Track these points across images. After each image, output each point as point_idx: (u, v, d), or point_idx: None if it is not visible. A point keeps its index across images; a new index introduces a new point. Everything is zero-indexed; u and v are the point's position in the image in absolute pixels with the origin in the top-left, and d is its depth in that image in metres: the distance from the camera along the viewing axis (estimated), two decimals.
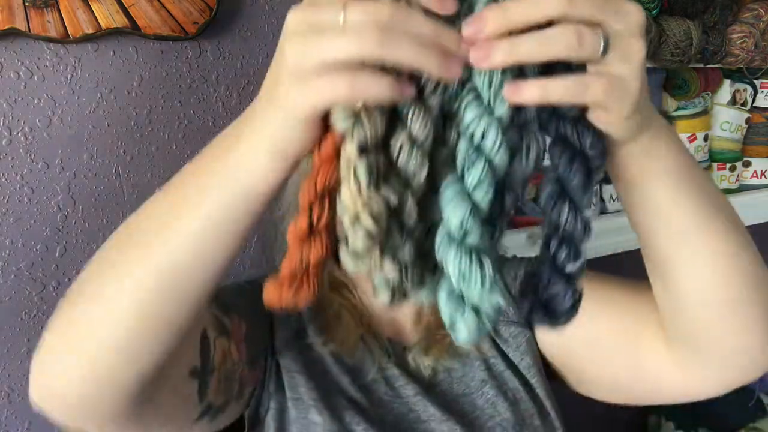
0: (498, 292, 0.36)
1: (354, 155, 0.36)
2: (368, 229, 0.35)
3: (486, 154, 0.37)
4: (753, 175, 1.58)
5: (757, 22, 1.36)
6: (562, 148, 0.38)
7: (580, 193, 0.38)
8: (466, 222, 0.36)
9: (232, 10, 0.87)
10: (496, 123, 0.36)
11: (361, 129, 0.36)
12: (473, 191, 0.36)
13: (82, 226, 0.85)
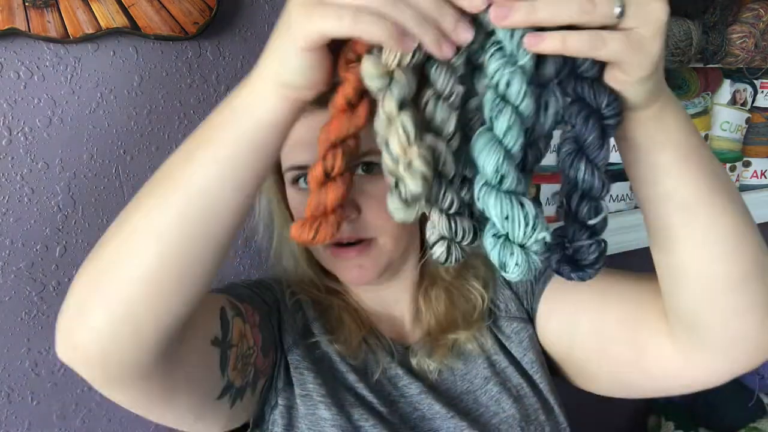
0: (542, 227, 0.38)
1: (395, 111, 0.38)
2: (422, 171, 0.38)
3: (512, 102, 0.38)
4: (753, 175, 1.58)
5: (757, 22, 1.36)
6: (579, 107, 0.40)
7: (596, 149, 0.40)
8: (500, 167, 0.38)
9: (232, 10, 0.87)
10: (520, 71, 0.38)
11: (398, 86, 0.38)
12: (503, 137, 0.38)
13: (82, 226, 0.85)
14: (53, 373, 0.87)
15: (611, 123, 0.40)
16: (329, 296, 0.72)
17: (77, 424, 0.90)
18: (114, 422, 0.93)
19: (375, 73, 0.37)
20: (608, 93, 0.40)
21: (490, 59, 0.39)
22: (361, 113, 0.40)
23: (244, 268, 0.97)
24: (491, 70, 0.39)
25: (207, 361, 0.54)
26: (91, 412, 0.91)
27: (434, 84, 0.40)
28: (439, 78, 0.40)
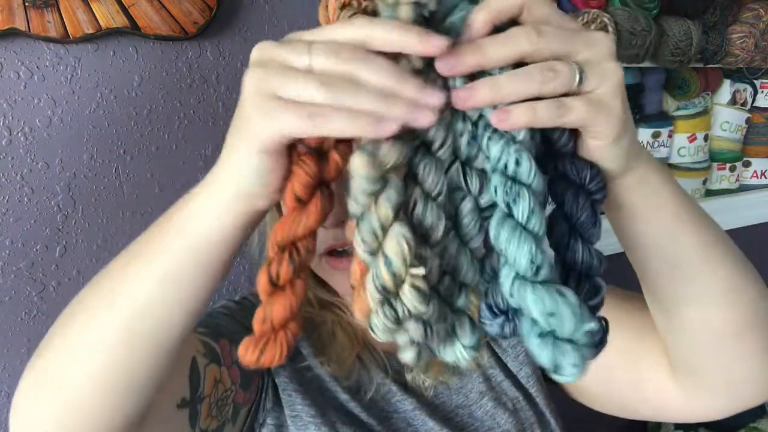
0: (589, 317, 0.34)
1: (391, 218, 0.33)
2: (422, 288, 0.33)
3: (525, 182, 0.36)
4: (753, 175, 1.58)
5: (757, 22, 1.36)
6: (564, 185, 0.38)
7: (590, 228, 0.38)
8: (535, 256, 0.34)
9: (232, 10, 0.87)
10: (525, 148, 0.36)
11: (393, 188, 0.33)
12: (527, 222, 0.35)
13: (82, 226, 0.85)
14: None
15: (598, 198, 0.39)
16: (322, 311, 0.71)
17: None
18: None
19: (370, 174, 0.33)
20: (590, 166, 0.38)
21: (490, 142, 0.36)
22: (313, 211, 0.35)
23: (244, 268, 0.97)
24: (495, 152, 0.36)
25: (173, 425, 0.52)
26: None
27: (422, 183, 0.36)
28: (429, 175, 0.36)
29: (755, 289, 0.49)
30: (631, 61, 1.22)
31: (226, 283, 0.97)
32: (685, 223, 0.45)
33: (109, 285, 0.42)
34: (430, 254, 0.36)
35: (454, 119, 0.37)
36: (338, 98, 0.32)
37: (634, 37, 1.18)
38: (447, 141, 0.37)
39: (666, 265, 0.46)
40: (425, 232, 0.36)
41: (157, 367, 0.43)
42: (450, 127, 0.37)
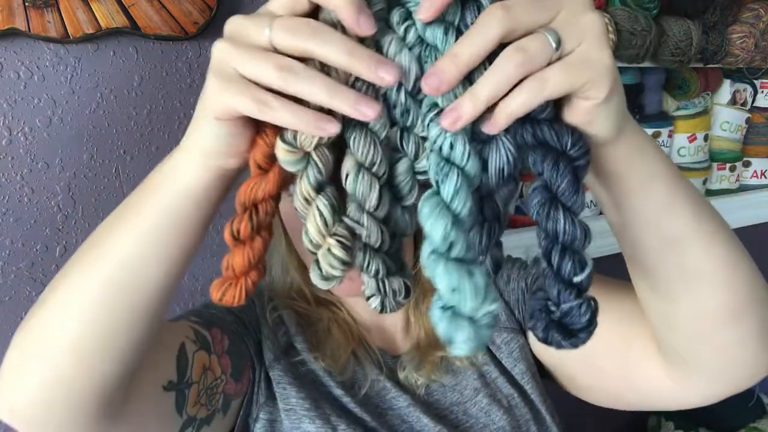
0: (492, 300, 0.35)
1: (312, 194, 0.38)
2: (340, 257, 0.38)
3: (457, 164, 0.36)
4: (753, 175, 1.58)
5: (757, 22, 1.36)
6: (544, 152, 0.37)
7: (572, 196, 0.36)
8: (449, 234, 0.35)
9: (232, 10, 0.87)
10: (462, 133, 0.36)
11: (314, 168, 0.37)
12: (450, 202, 0.36)
13: (82, 226, 0.85)
14: None
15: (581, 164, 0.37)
16: (318, 308, 0.71)
17: None
18: None
19: (290, 158, 0.37)
20: (570, 131, 0.37)
21: (430, 124, 0.37)
22: (272, 178, 0.39)
23: None
24: (432, 134, 0.37)
25: (159, 407, 0.53)
26: None
27: (354, 154, 0.38)
28: (359, 147, 0.38)
29: (748, 266, 0.48)
30: (631, 61, 1.22)
31: None
32: (680, 196, 0.43)
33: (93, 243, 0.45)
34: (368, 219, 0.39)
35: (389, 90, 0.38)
36: (290, 84, 0.34)
37: (634, 37, 1.18)
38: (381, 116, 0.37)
39: (661, 242, 0.45)
40: (360, 200, 0.38)
41: (137, 329, 0.44)
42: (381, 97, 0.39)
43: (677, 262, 0.46)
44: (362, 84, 0.37)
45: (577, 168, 0.36)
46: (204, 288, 0.95)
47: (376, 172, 0.39)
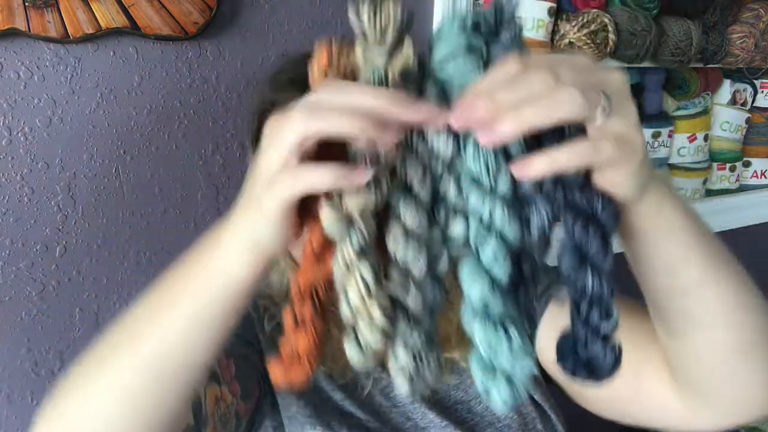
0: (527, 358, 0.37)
1: (354, 259, 0.37)
2: (382, 326, 0.37)
3: (497, 230, 0.37)
4: (753, 175, 1.58)
5: (757, 22, 1.36)
6: (574, 215, 0.38)
7: (601, 258, 0.38)
8: (486, 295, 0.37)
9: (232, 10, 0.87)
10: (501, 202, 0.37)
11: (357, 232, 0.37)
12: (490, 267, 0.37)
13: (82, 226, 0.85)
14: (53, 373, 0.87)
15: (610, 228, 0.38)
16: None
17: None
18: None
19: (333, 218, 0.37)
20: (601, 196, 0.38)
21: (469, 194, 0.38)
22: (328, 262, 0.39)
23: None
24: (472, 201, 0.38)
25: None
26: None
27: (402, 219, 0.38)
28: (407, 212, 0.38)
29: (761, 308, 0.49)
30: (631, 61, 1.22)
31: None
32: (695, 244, 0.45)
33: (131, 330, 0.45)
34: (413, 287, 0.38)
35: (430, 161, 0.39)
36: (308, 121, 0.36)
37: (634, 37, 1.18)
38: (426, 180, 0.39)
39: (675, 287, 0.46)
40: (407, 266, 0.38)
41: (175, 406, 0.44)
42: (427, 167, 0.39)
43: (690, 307, 0.47)
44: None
45: (607, 232, 0.38)
46: None
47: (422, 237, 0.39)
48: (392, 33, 0.38)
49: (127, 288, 0.89)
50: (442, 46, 0.39)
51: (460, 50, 0.38)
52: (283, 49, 0.91)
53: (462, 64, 0.38)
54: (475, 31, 0.38)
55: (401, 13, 0.38)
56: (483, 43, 0.38)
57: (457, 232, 0.39)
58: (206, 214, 0.92)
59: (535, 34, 1.13)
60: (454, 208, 0.39)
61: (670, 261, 0.45)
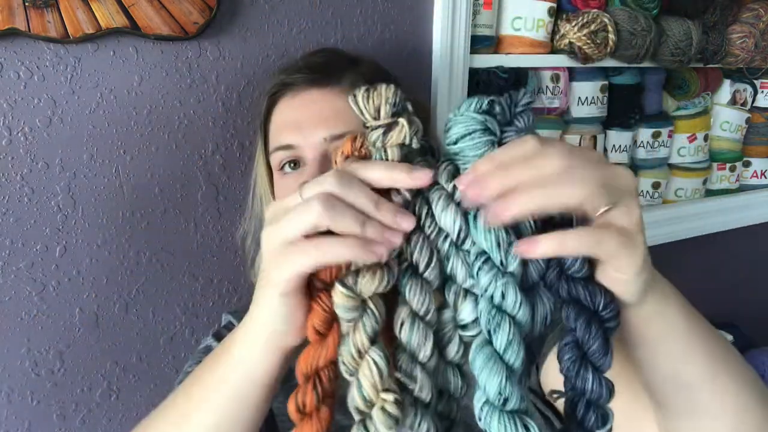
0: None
1: (367, 345, 0.37)
2: (395, 414, 0.36)
3: (509, 313, 0.37)
4: (753, 175, 1.58)
5: (757, 22, 1.36)
6: (577, 310, 0.38)
7: (601, 357, 0.38)
8: (504, 388, 0.36)
9: (232, 10, 0.87)
10: (513, 281, 0.37)
11: (371, 317, 0.37)
12: (504, 353, 0.37)
13: (82, 226, 0.85)
14: (53, 373, 0.87)
15: (612, 326, 0.39)
16: None
17: (77, 424, 0.90)
18: (114, 422, 0.93)
19: (348, 305, 0.37)
20: (604, 293, 0.39)
21: (479, 272, 0.38)
22: (331, 343, 0.39)
23: (244, 268, 0.97)
24: (484, 282, 0.38)
25: None
26: (91, 412, 0.91)
27: (409, 303, 0.39)
28: (415, 296, 0.38)
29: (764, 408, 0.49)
30: (631, 61, 1.22)
31: (225, 283, 0.97)
32: (696, 348, 0.45)
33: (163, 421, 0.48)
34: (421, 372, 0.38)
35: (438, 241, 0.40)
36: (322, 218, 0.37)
37: (634, 37, 1.18)
38: (432, 262, 0.39)
39: (676, 388, 0.47)
40: (414, 350, 0.38)
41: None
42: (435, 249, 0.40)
43: (688, 400, 0.47)
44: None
45: (608, 330, 0.39)
46: (204, 288, 0.95)
47: (430, 321, 0.39)
48: (385, 112, 0.39)
49: (127, 288, 0.89)
50: (458, 124, 0.40)
51: (475, 129, 0.39)
52: (283, 49, 0.91)
53: (476, 141, 0.39)
54: (489, 114, 0.40)
55: (394, 94, 0.40)
56: (497, 125, 0.40)
57: (467, 314, 0.39)
58: (206, 214, 0.92)
59: (535, 34, 1.13)
60: (463, 290, 0.39)
61: (669, 364, 0.45)
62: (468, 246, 0.39)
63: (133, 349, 0.92)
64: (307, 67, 0.74)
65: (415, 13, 1.01)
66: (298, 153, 0.69)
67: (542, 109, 1.21)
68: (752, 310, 1.76)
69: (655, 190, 1.42)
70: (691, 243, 1.50)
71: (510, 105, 0.40)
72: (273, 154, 0.71)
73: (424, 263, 0.39)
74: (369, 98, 0.40)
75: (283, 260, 0.38)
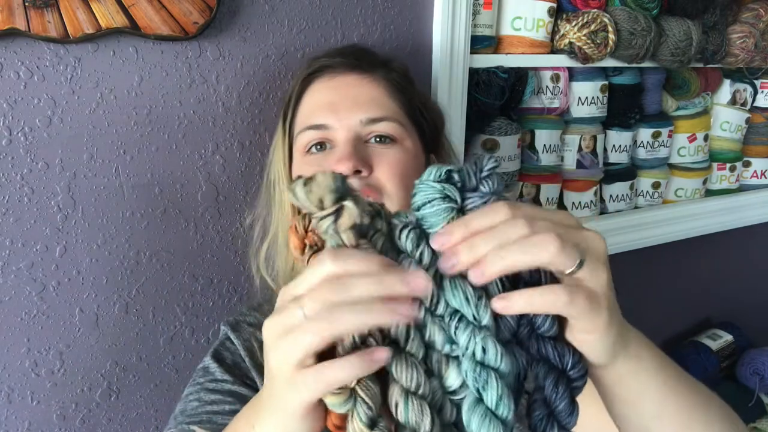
0: None
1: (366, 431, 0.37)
2: None
3: (493, 367, 0.38)
4: (753, 175, 1.58)
5: (757, 22, 1.36)
6: (546, 369, 0.40)
7: (567, 416, 0.40)
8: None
9: (232, 10, 0.87)
10: (490, 333, 0.38)
11: (362, 404, 0.38)
12: (496, 408, 0.37)
13: (82, 226, 0.85)
14: (53, 373, 0.87)
15: (578, 385, 0.40)
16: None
17: (77, 424, 0.91)
18: (114, 422, 0.93)
19: (336, 401, 0.37)
20: (572, 353, 0.40)
21: (457, 331, 0.39)
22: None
23: (244, 268, 0.97)
24: (463, 341, 0.38)
25: None
26: (91, 412, 0.91)
27: (399, 381, 0.39)
28: (402, 373, 0.39)
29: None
30: (631, 61, 1.22)
31: (225, 283, 0.97)
32: (670, 405, 0.46)
33: None
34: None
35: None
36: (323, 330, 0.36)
37: (634, 37, 1.18)
38: (411, 334, 0.39)
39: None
40: (414, 428, 0.38)
41: None
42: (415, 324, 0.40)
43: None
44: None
45: (575, 389, 0.40)
46: (204, 288, 0.95)
47: (423, 395, 0.39)
48: (330, 200, 0.39)
49: (127, 288, 0.89)
50: (419, 192, 0.42)
51: (434, 197, 0.41)
52: (283, 49, 0.91)
53: (435, 209, 0.41)
54: (449, 182, 0.41)
55: (334, 179, 0.39)
56: (457, 193, 0.41)
57: (453, 379, 0.40)
58: (206, 214, 0.92)
59: (535, 34, 1.13)
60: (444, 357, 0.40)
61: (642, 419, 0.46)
62: (441, 311, 0.40)
63: (133, 349, 0.92)
64: (346, 53, 0.76)
65: (415, 13, 1.01)
66: (329, 134, 0.70)
67: (542, 109, 1.21)
68: (752, 310, 1.76)
69: (655, 190, 1.42)
70: (691, 243, 1.50)
71: (475, 171, 0.42)
72: (301, 134, 0.72)
73: (403, 337, 0.39)
74: (310, 191, 0.40)
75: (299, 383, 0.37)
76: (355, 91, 0.72)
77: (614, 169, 1.35)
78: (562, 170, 1.29)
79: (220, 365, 0.71)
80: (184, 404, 0.68)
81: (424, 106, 0.79)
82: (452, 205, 0.41)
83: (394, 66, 0.78)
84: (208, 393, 0.68)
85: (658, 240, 1.41)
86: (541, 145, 1.22)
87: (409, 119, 0.74)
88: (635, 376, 0.43)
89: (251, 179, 0.94)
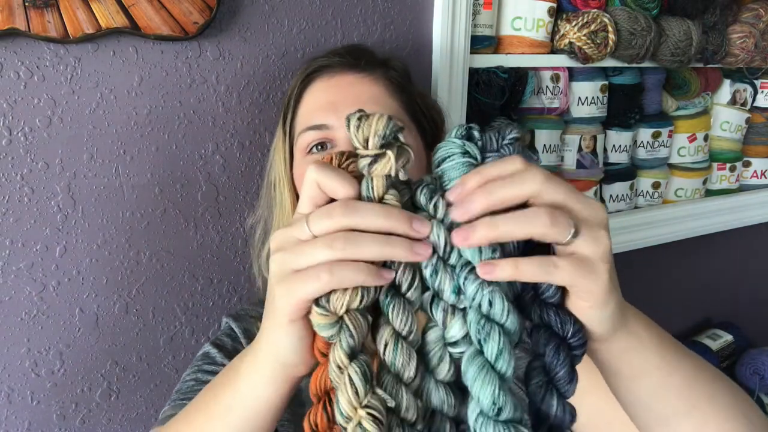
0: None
1: (345, 361, 0.38)
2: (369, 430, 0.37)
3: (498, 321, 0.38)
4: (753, 175, 1.58)
5: (757, 22, 1.36)
6: (548, 336, 0.40)
7: (566, 384, 0.39)
8: (497, 397, 0.37)
9: (232, 10, 0.87)
10: (498, 289, 0.38)
11: (347, 333, 0.38)
12: (495, 362, 0.37)
13: (82, 226, 0.85)
14: (53, 373, 0.87)
15: (578, 354, 0.40)
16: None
17: (77, 424, 0.91)
18: (114, 422, 0.93)
19: (323, 322, 0.38)
20: (573, 321, 0.40)
21: (466, 282, 0.39)
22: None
23: (244, 268, 0.97)
24: (471, 291, 0.38)
25: None
26: (91, 412, 0.91)
27: (392, 323, 0.39)
28: (398, 316, 0.39)
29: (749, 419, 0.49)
30: (631, 61, 1.22)
31: (225, 283, 0.97)
32: (672, 382, 0.45)
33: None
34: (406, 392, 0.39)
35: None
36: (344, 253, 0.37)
37: (634, 37, 1.18)
38: (414, 282, 0.40)
39: (654, 419, 0.47)
40: (398, 371, 0.39)
41: None
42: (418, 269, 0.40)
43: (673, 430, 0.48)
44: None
45: (575, 357, 0.40)
46: (204, 288, 0.95)
47: (413, 341, 0.39)
48: (373, 144, 0.40)
49: (127, 288, 0.89)
50: (441, 149, 0.42)
51: (454, 152, 0.41)
52: (283, 49, 0.91)
53: (455, 163, 0.41)
54: (469, 139, 0.41)
55: (385, 126, 0.40)
56: (476, 150, 0.41)
57: (456, 330, 0.40)
58: (206, 214, 0.92)
59: (535, 34, 1.13)
60: (451, 307, 0.40)
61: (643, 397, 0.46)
62: (453, 261, 0.40)
63: (133, 349, 0.92)
64: (345, 53, 0.76)
65: (415, 13, 1.01)
66: (330, 134, 0.70)
67: (542, 109, 1.21)
68: (752, 310, 1.76)
69: (655, 190, 1.42)
70: (691, 243, 1.50)
71: (498, 138, 0.42)
72: (302, 135, 0.72)
73: (407, 283, 0.40)
74: (360, 127, 0.40)
75: (294, 286, 0.38)
76: (355, 90, 0.72)
77: (614, 169, 1.35)
78: (562, 170, 1.29)
79: (219, 350, 0.73)
80: (181, 384, 0.69)
81: (424, 104, 0.79)
82: (471, 161, 0.41)
83: (394, 65, 0.78)
84: (206, 374, 0.69)
85: (658, 240, 1.41)
86: (541, 145, 1.22)
87: (409, 117, 0.74)
88: (636, 351, 0.43)
89: (251, 179, 0.94)
